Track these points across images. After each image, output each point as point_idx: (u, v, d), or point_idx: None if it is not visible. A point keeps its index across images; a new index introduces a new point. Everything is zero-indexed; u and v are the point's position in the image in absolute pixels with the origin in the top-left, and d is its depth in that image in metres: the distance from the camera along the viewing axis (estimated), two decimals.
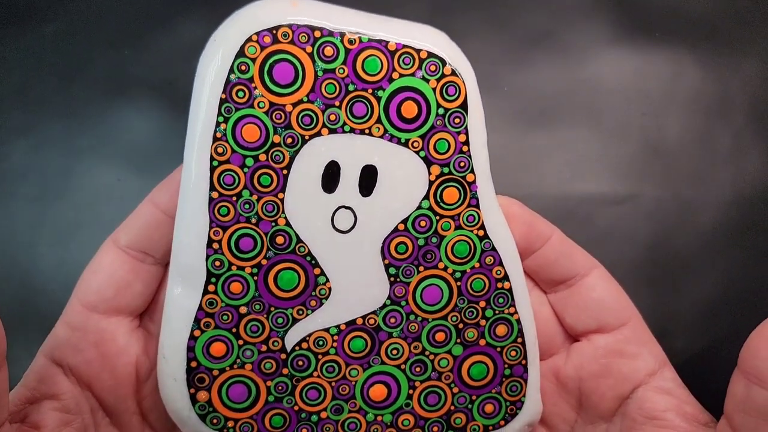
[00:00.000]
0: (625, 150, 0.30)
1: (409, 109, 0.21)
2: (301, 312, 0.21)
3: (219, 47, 0.20)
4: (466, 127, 0.21)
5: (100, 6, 0.31)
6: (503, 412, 0.23)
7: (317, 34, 0.20)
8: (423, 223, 0.21)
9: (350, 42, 0.20)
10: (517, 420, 0.23)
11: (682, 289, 0.30)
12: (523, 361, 0.23)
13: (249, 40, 0.20)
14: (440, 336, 0.22)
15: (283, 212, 0.21)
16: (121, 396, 0.22)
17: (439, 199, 0.21)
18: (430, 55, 0.20)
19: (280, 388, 0.22)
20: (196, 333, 0.21)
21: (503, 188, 0.29)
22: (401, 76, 0.20)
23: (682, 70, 0.30)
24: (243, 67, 0.20)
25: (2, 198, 0.30)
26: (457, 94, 0.21)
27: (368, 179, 0.21)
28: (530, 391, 0.23)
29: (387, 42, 0.20)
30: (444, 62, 0.21)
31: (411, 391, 0.23)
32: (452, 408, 0.23)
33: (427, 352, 0.22)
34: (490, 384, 0.23)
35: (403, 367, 0.22)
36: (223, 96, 0.20)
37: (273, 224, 0.21)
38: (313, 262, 0.21)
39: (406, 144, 0.21)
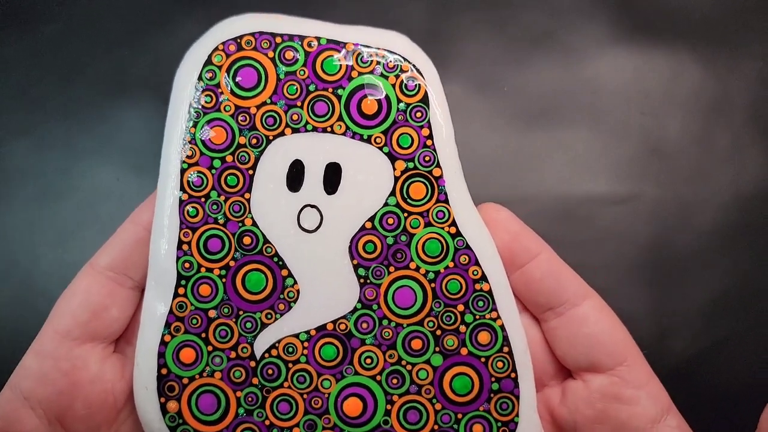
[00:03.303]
0: (625, 150, 0.30)
1: (370, 106, 0.21)
2: (269, 316, 0.21)
3: (190, 59, 0.21)
4: (428, 121, 0.21)
5: (100, 6, 0.31)
6: None
7: (278, 39, 0.21)
8: (391, 221, 0.21)
9: (309, 45, 0.21)
10: None
11: (682, 289, 0.29)
12: (513, 374, 0.21)
13: (216, 49, 0.21)
14: (417, 344, 0.21)
15: (250, 212, 0.21)
16: (94, 426, 0.21)
17: (405, 195, 0.21)
18: (388, 53, 0.21)
19: (250, 399, 0.21)
20: (167, 338, 0.21)
21: (503, 188, 0.29)
22: (360, 74, 0.21)
23: (682, 70, 0.30)
24: (210, 75, 0.21)
25: (2, 198, 0.30)
26: (416, 89, 0.21)
27: (333, 177, 0.21)
28: (524, 409, 0.21)
29: (345, 43, 0.21)
30: (402, 59, 0.21)
31: (389, 407, 0.21)
32: (436, 427, 0.21)
33: (403, 362, 0.21)
34: (477, 400, 0.21)
35: (378, 378, 0.21)
36: (193, 102, 0.21)
37: (240, 224, 0.21)
38: (281, 263, 0.21)
39: (368, 140, 0.21)
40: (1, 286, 0.30)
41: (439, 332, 0.21)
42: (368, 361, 0.21)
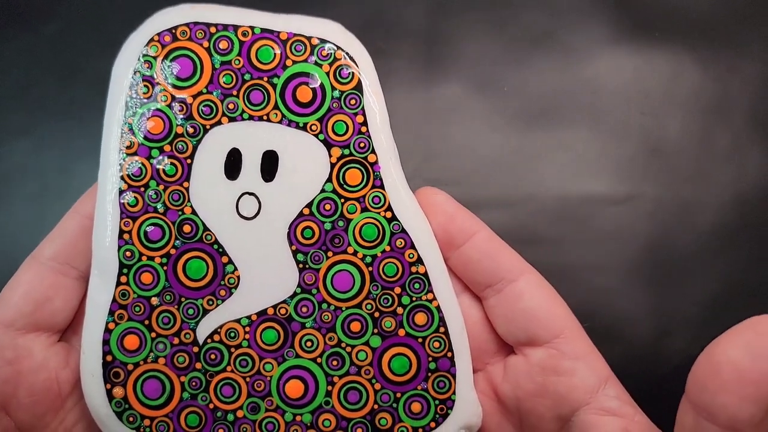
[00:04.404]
0: (625, 150, 0.30)
1: (305, 94, 0.21)
2: (211, 302, 0.21)
3: (126, 50, 0.21)
4: (363, 108, 0.21)
5: (100, 6, 0.31)
6: (433, 412, 0.21)
7: (213, 29, 0.21)
8: (328, 207, 0.21)
9: (243, 34, 0.21)
10: (449, 422, 0.21)
11: (682, 289, 0.29)
12: (449, 354, 0.21)
13: (151, 40, 0.21)
14: (356, 326, 0.21)
15: (189, 201, 0.21)
16: (40, 414, 0.21)
17: (342, 181, 0.21)
18: (321, 41, 0.21)
19: (194, 383, 0.21)
20: (111, 326, 0.21)
21: (503, 188, 0.29)
22: (294, 62, 0.21)
23: (682, 70, 0.30)
24: (146, 66, 0.21)
25: (2, 198, 0.30)
26: (350, 77, 0.21)
27: (270, 165, 0.21)
28: (461, 387, 0.21)
29: (278, 32, 0.21)
30: (335, 47, 0.21)
31: (329, 388, 0.21)
32: (376, 407, 0.21)
33: (343, 344, 0.21)
34: (415, 379, 0.21)
35: (319, 360, 0.21)
36: (130, 93, 0.21)
37: (180, 213, 0.21)
38: (221, 250, 0.21)
39: (304, 128, 0.21)
40: (1, 286, 0.29)
41: (377, 314, 0.21)
42: (309, 344, 0.21)
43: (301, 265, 0.21)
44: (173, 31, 0.21)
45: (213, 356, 0.21)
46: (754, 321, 0.17)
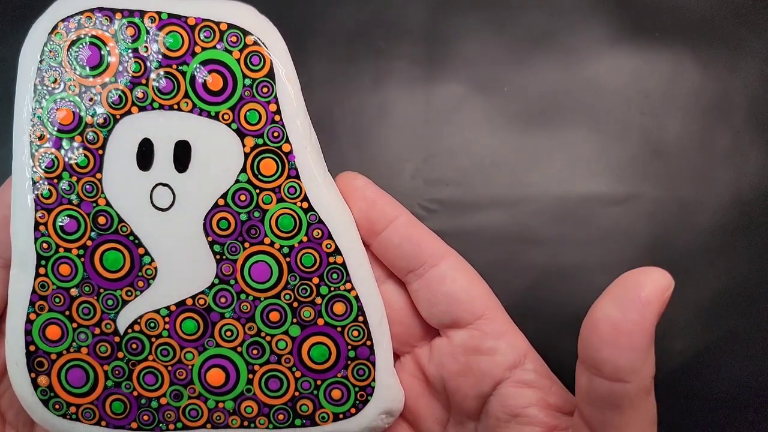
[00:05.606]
0: (625, 150, 0.30)
1: (215, 82, 0.21)
2: (129, 293, 0.21)
3: (31, 39, 0.21)
4: (275, 97, 0.21)
5: None
6: (353, 399, 0.22)
7: (119, 16, 0.21)
8: (243, 197, 0.21)
9: (151, 20, 0.21)
10: (370, 407, 0.22)
11: (682, 289, 0.29)
12: (368, 342, 0.22)
13: (55, 27, 0.21)
14: (274, 316, 0.21)
15: (103, 192, 0.21)
16: None
17: (256, 172, 0.21)
18: (230, 26, 0.21)
19: (117, 372, 0.22)
20: (32, 316, 0.21)
21: (503, 188, 0.29)
22: (204, 49, 0.21)
23: (682, 70, 0.30)
24: (52, 54, 0.21)
25: None
26: (261, 64, 0.21)
27: (183, 155, 0.21)
28: (381, 375, 0.22)
29: (186, 18, 0.21)
30: (245, 33, 0.21)
31: (251, 376, 0.22)
32: (296, 394, 0.22)
33: (263, 333, 0.22)
34: (334, 367, 0.22)
35: (239, 349, 0.22)
36: (37, 82, 0.21)
37: (94, 205, 0.21)
38: (137, 241, 0.21)
39: (216, 117, 0.21)
40: None
41: (295, 304, 0.21)
42: (228, 333, 0.22)
43: (218, 256, 0.21)
44: (78, 17, 0.20)
45: (134, 346, 0.22)
46: (623, 276, 0.17)
